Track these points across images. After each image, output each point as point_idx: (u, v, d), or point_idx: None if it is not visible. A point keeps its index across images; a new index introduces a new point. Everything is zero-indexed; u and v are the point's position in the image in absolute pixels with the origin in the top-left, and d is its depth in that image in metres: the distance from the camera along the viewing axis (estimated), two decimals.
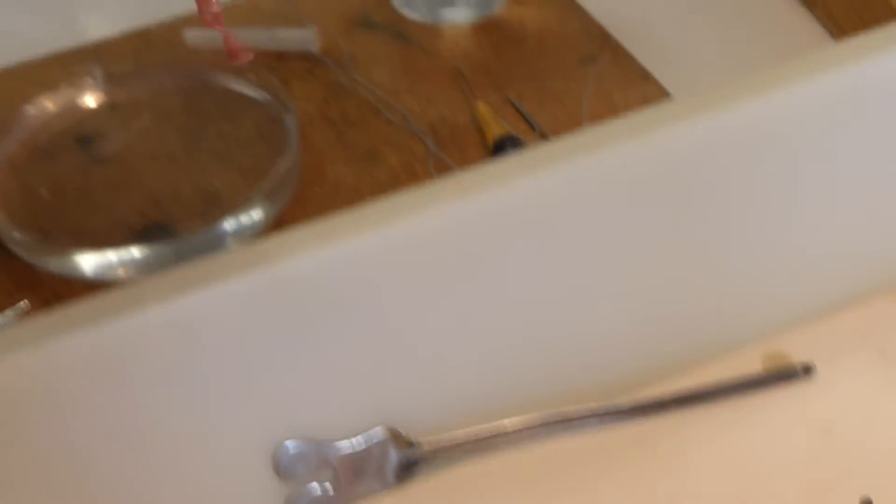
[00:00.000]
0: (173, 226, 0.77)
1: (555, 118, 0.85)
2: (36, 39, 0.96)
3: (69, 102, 0.87)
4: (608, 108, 0.84)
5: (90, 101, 0.87)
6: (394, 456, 0.65)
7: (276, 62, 0.90)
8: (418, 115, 0.85)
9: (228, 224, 0.75)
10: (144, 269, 0.74)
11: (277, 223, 0.78)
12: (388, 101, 0.86)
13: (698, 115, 0.61)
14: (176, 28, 0.93)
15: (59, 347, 0.53)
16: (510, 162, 0.60)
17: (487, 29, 0.92)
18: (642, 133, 0.60)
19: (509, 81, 0.87)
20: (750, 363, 0.69)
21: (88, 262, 0.75)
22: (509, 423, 0.66)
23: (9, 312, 0.74)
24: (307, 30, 0.90)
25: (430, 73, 0.88)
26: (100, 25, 0.95)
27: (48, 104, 0.86)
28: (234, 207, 0.77)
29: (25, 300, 0.75)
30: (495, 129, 0.82)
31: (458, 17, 0.92)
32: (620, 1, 0.94)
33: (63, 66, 0.90)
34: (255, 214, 0.76)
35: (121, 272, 0.74)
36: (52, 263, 0.76)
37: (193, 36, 0.91)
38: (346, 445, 0.64)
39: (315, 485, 0.64)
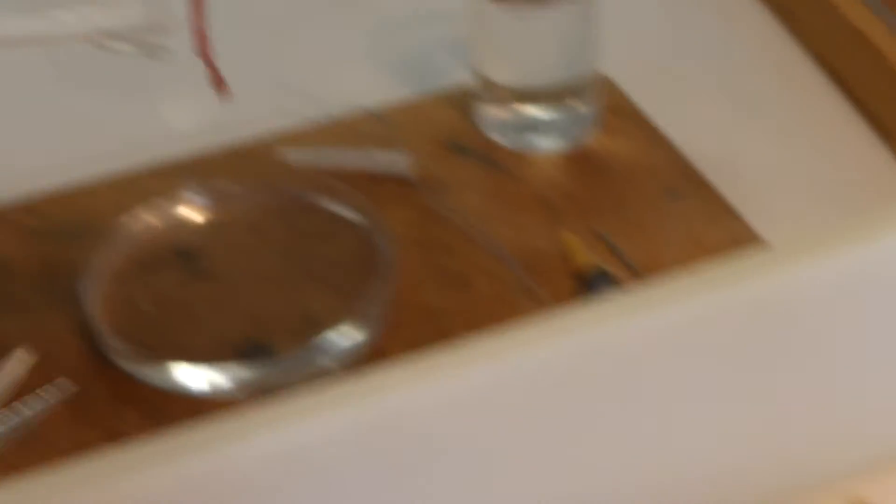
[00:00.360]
0: (271, 344, 0.80)
1: (640, 249, 0.87)
2: (131, 150, 0.99)
3: (169, 216, 0.90)
4: (692, 242, 0.86)
5: (190, 215, 0.90)
6: None
7: (369, 184, 0.92)
8: (507, 241, 0.87)
9: (325, 345, 0.78)
10: (242, 386, 0.77)
11: (371, 346, 0.80)
12: (479, 227, 0.88)
13: (796, 263, 0.62)
14: (271, 145, 0.96)
15: (160, 475, 0.55)
16: (605, 305, 0.62)
17: (576, 158, 0.95)
18: (739, 281, 0.62)
19: (596, 211, 0.90)
20: None
21: (187, 376, 0.78)
22: None
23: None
24: (400, 153, 0.93)
25: (519, 200, 0.90)
26: (195, 138, 0.98)
27: (148, 217, 0.89)
28: (330, 328, 0.79)
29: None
30: (582, 259, 0.84)
31: (548, 145, 0.95)
32: (708, 136, 0.96)
33: (160, 179, 0.93)
34: (350, 337, 0.79)
35: (219, 388, 0.77)
36: (151, 375, 0.79)
37: (290, 154, 0.94)
38: None
39: None
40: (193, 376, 0.78)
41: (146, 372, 0.79)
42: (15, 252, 0.89)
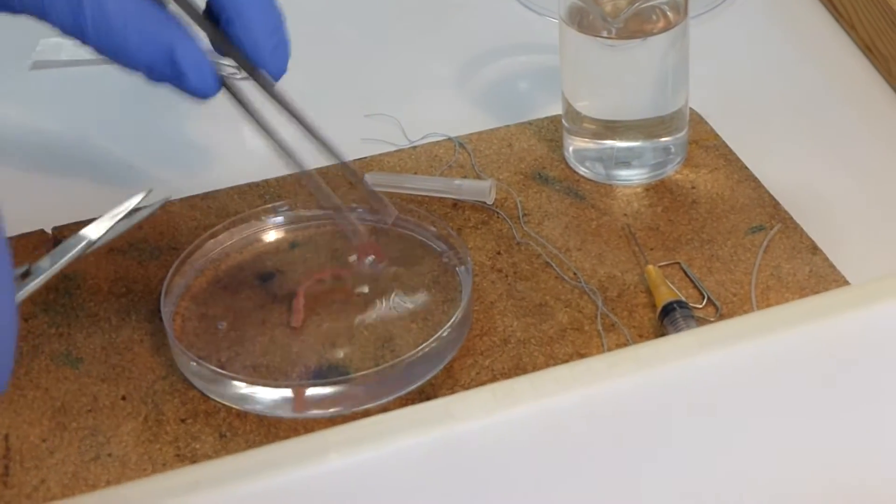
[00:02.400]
0: (346, 367, 0.79)
1: (722, 285, 0.86)
2: (215, 170, 0.99)
3: (250, 237, 0.90)
4: (775, 279, 0.85)
5: (272, 237, 0.90)
6: None
7: (451, 210, 0.92)
8: (588, 272, 0.86)
9: (401, 370, 0.77)
10: (316, 409, 0.76)
11: (446, 371, 0.79)
12: (559, 257, 0.87)
13: (879, 301, 0.61)
14: (354, 171, 0.96)
15: (231, 493, 0.55)
16: (685, 339, 0.62)
17: (659, 190, 0.94)
18: (820, 318, 0.61)
19: (678, 244, 0.89)
20: None
21: (263, 397, 0.77)
22: None
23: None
24: (484, 182, 0.93)
25: (600, 231, 0.90)
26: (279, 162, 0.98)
27: (229, 237, 0.89)
28: (406, 353, 0.79)
29: None
30: (664, 294, 0.83)
31: (633, 178, 0.94)
32: (792, 171, 0.95)
33: (243, 199, 0.94)
34: (428, 362, 0.78)
35: (294, 410, 0.77)
36: (226, 395, 0.78)
37: (371, 179, 0.94)
38: None
39: None
40: (268, 397, 0.77)
41: (221, 392, 0.78)
42: (94, 269, 0.89)
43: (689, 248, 0.89)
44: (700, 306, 0.84)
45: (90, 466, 0.76)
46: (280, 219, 0.91)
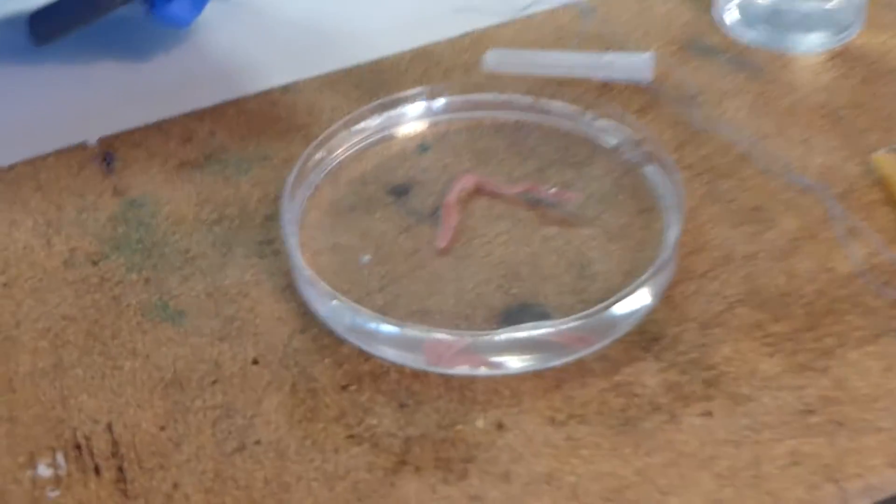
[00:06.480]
0: (542, 305, 0.60)
1: None
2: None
3: (366, 140, 0.70)
4: None
5: (394, 139, 0.70)
6: None
7: (601, 93, 0.73)
8: (799, 164, 0.68)
9: (613, 306, 0.59)
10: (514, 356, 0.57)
11: (667, 303, 0.61)
12: (759, 147, 0.69)
13: None
14: (461, 47, 0.77)
15: None
16: None
17: (847, 59, 0.76)
18: None
19: (892, 122, 0.71)
20: None
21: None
22: None
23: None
24: (642, 55, 0.73)
25: (796, 111, 0.72)
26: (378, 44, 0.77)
27: (339, 142, 0.69)
28: (616, 282, 0.60)
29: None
30: None
31: (810, 43, 0.77)
32: None
33: (333, 89, 0.74)
34: (640, 293, 0.59)
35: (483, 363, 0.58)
36: (392, 352, 0.59)
37: (494, 58, 0.74)
38: None
39: None
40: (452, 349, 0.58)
41: (385, 346, 0.61)
42: (167, 189, 0.72)
43: None
44: None
45: (235, 460, 0.56)
46: (402, 114, 0.72)
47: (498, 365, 0.58)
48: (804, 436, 0.55)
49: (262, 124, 0.74)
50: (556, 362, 0.59)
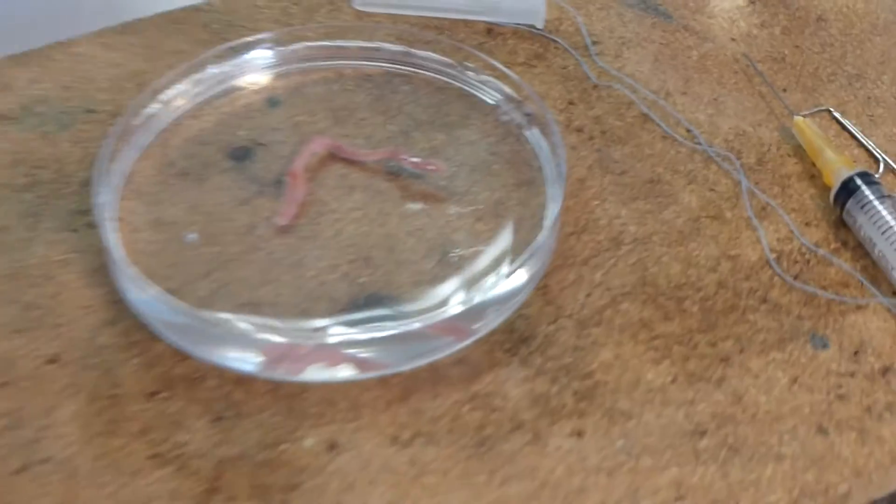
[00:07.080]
0: (393, 298, 0.51)
1: (892, 140, 0.59)
2: None
3: (207, 92, 0.60)
4: None
5: (240, 91, 0.60)
6: None
7: (485, 39, 0.63)
8: (706, 128, 0.59)
9: (476, 290, 0.49)
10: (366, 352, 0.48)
11: (540, 293, 0.51)
12: (660, 106, 0.59)
13: None
14: None
15: None
16: None
17: (766, 3, 0.66)
18: None
19: (818, 82, 0.62)
20: None
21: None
22: None
23: None
24: None
25: (706, 65, 0.62)
26: None
27: (176, 94, 0.59)
28: (475, 268, 0.50)
29: None
30: (833, 161, 0.56)
31: None
32: None
33: (177, 28, 0.63)
34: (508, 283, 0.49)
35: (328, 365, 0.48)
36: (217, 351, 0.49)
37: None
38: None
39: None
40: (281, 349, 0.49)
41: (207, 344, 0.50)
42: None
43: (835, 87, 0.62)
44: (877, 175, 0.57)
45: (16, 482, 0.46)
46: (251, 61, 0.60)
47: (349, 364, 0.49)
48: (691, 463, 0.47)
49: (91, 71, 0.63)
50: (406, 366, 0.49)
